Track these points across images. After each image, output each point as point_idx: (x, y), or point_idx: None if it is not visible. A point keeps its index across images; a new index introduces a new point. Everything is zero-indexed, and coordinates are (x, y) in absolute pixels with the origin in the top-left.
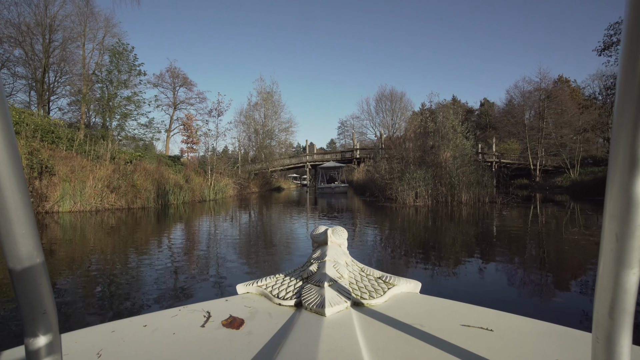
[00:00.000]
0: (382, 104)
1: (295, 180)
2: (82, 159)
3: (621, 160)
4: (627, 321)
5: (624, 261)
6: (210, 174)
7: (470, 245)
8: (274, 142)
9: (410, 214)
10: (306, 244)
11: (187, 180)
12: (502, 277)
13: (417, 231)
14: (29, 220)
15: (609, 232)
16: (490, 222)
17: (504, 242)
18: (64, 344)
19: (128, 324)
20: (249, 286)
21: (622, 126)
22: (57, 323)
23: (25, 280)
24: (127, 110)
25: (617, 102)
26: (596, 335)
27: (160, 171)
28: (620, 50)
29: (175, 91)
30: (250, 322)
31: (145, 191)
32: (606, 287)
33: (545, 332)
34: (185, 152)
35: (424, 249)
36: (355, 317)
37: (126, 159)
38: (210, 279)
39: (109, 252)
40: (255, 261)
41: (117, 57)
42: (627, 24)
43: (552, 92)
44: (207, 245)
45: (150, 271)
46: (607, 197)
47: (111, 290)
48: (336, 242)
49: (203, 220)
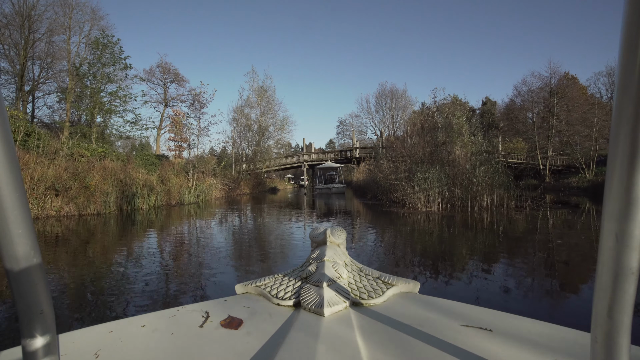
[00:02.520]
0: (383, 101)
1: (292, 180)
2: (25, 154)
3: (620, 160)
4: (625, 321)
5: (623, 261)
6: (191, 173)
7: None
8: (271, 141)
9: (426, 223)
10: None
11: (163, 181)
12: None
13: (453, 254)
14: (26, 220)
15: (607, 232)
16: (547, 240)
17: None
18: (61, 344)
19: (126, 324)
20: (248, 286)
21: (620, 126)
22: (54, 323)
23: (22, 280)
24: (112, 106)
25: (616, 102)
26: (595, 335)
27: (127, 171)
28: (618, 49)
29: (166, 87)
30: (249, 323)
31: (102, 194)
32: (605, 287)
33: (544, 332)
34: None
35: (485, 291)
36: (354, 317)
37: (88, 155)
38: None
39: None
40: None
41: (101, 49)
42: (625, 22)
43: (563, 87)
44: (148, 265)
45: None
46: (605, 197)
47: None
48: (335, 242)
49: (165, 229)
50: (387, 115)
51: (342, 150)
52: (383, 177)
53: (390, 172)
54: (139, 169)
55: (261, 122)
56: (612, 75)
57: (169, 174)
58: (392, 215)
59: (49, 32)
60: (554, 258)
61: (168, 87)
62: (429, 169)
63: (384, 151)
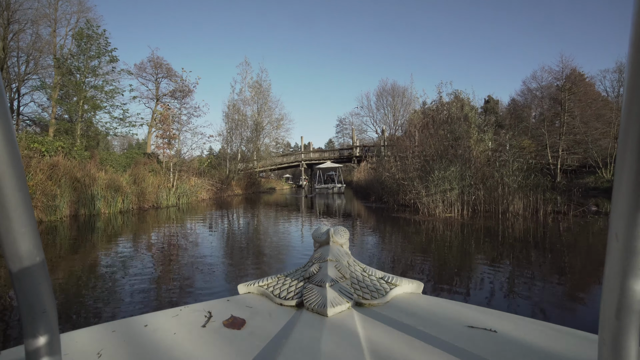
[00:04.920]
0: (384, 99)
1: (289, 180)
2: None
3: (629, 160)
4: (634, 323)
5: (631, 262)
6: (172, 172)
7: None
8: (266, 139)
9: (459, 236)
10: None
11: (136, 181)
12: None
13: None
14: (29, 218)
15: (616, 233)
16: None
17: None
18: (63, 343)
19: (129, 324)
20: (250, 286)
21: (630, 126)
22: (57, 323)
23: (25, 279)
24: (97, 100)
25: (625, 100)
26: (603, 337)
27: (86, 169)
28: (628, 50)
29: (157, 83)
30: (252, 322)
31: (46, 197)
32: (613, 288)
33: (549, 333)
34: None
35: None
36: (357, 318)
37: (42, 150)
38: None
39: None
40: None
41: (85, 40)
42: (636, 18)
43: (576, 82)
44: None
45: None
46: (614, 199)
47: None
48: (338, 242)
49: (119, 243)
50: (389, 112)
51: (342, 149)
52: (390, 176)
53: (397, 170)
54: (107, 167)
55: (256, 119)
56: (622, 71)
57: (143, 172)
58: (406, 223)
59: (31, 23)
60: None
61: (160, 83)
62: (448, 166)
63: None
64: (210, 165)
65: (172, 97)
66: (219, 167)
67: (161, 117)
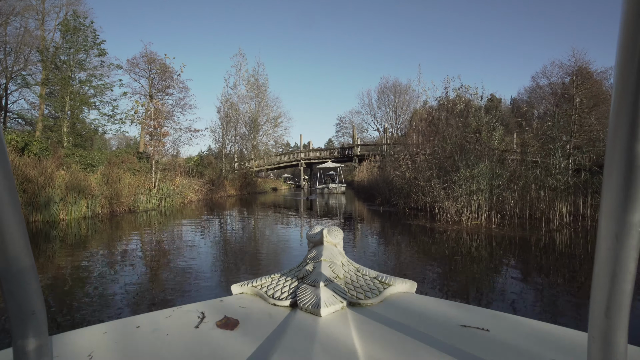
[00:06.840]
0: (385, 97)
1: (288, 180)
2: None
3: (617, 160)
4: (623, 320)
5: (620, 260)
6: (154, 170)
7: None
8: (263, 137)
9: (514, 254)
10: None
11: (109, 181)
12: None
13: None
14: (18, 220)
15: (605, 231)
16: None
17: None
18: (53, 346)
19: (120, 325)
20: (244, 286)
21: (618, 126)
22: (46, 324)
23: (12, 279)
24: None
25: (614, 102)
26: (592, 334)
27: (41, 167)
28: (616, 51)
29: (151, 79)
30: (245, 323)
31: None
32: (602, 286)
33: (541, 331)
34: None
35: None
36: (351, 317)
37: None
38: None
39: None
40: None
41: (71, 32)
42: (624, 21)
43: (588, 77)
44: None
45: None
46: (603, 197)
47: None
48: (332, 242)
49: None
50: (390, 110)
51: (343, 148)
52: (400, 176)
53: (408, 169)
54: (73, 165)
55: (252, 115)
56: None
57: (118, 172)
58: (425, 233)
59: (15, 15)
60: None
61: (154, 79)
62: (477, 163)
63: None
64: (199, 163)
65: (166, 94)
66: (210, 166)
67: (150, 112)
